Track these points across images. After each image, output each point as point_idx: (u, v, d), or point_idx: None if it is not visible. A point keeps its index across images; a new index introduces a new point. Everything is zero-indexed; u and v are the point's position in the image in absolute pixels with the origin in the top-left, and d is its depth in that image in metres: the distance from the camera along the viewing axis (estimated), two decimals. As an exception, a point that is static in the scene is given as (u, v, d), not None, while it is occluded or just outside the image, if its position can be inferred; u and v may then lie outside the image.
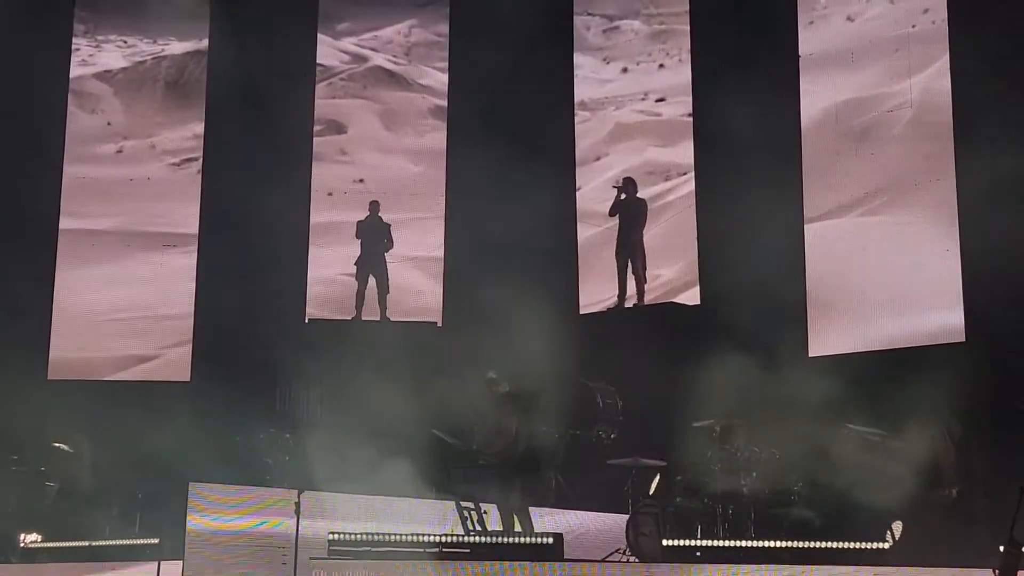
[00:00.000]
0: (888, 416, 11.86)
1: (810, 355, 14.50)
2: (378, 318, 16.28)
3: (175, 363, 16.55)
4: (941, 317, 13.68)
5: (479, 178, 15.88)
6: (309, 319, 16.55)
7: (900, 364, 13.13)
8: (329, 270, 16.78)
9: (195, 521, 10.52)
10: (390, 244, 16.42)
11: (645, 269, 15.68)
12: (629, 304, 15.62)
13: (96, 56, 17.57)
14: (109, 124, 17.41)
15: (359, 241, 16.49)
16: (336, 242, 16.70)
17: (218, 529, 10.50)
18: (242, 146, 16.34)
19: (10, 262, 15.85)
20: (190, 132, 17.29)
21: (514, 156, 15.58)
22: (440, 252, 16.85)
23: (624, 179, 15.92)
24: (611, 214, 15.84)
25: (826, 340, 14.51)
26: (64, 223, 16.84)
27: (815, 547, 10.37)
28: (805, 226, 14.84)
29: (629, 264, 15.69)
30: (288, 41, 17.22)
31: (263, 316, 15.58)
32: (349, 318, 16.33)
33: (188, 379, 16.38)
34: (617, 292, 15.75)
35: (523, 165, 15.58)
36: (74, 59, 17.44)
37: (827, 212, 14.87)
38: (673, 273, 15.82)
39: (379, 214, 16.57)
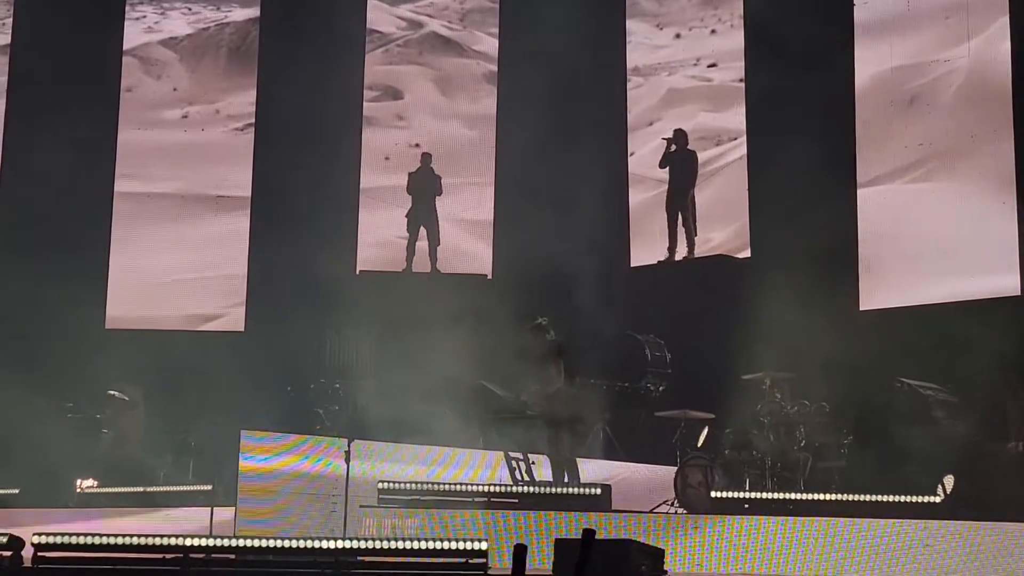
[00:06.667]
0: (943, 370, 11.77)
1: (862, 309, 14.38)
2: (429, 270, 16.33)
3: (230, 318, 16.76)
4: (997, 271, 13.55)
5: (531, 142, 15.90)
6: (360, 271, 16.64)
7: (955, 318, 12.99)
8: (386, 231, 16.84)
9: (247, 468, 10.66)
10: (440, 192, 16.48)
11: (696, 222, 15.59)
12: (679, 257, 15.55)
13: (162, 23, 17.73)
14: (175, 90, 17.59)
15: (411, 193, 16.53)
16: (393, 204, 16.73)
17: (270, 470, 10.64)
18: (297, 109, 16.40)
19: (67, 223, 16.07)
20: (252, 98, 17.42)
21: (566, 120, 15.58)
22: (491, 216, 16.87)
23: (675, 131, 15.80)
24: (661, 166, 15.75)
25: (879, 295, 14.40)
26: (120, 185, 17.03)
27: (864, 500, 10.31)
28: (858, 190, 14.71)
29: (679, 217, 15.60)
30: (342, 6, 17.19)
31: (315, 268, 15.67)
32: (400, 270, 16.39)
33: (242, 329, 16.55)
34: (667, 247, 15.69)
35: (575, 129, 15.56)
36: (140, 26, 17.67)
37: (881, 176, 14.74)
38: (724, 236, 15.74)
39: (431, 166, 16.59)
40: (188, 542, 8.12)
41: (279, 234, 16.32)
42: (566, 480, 11.06)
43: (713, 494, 10.61)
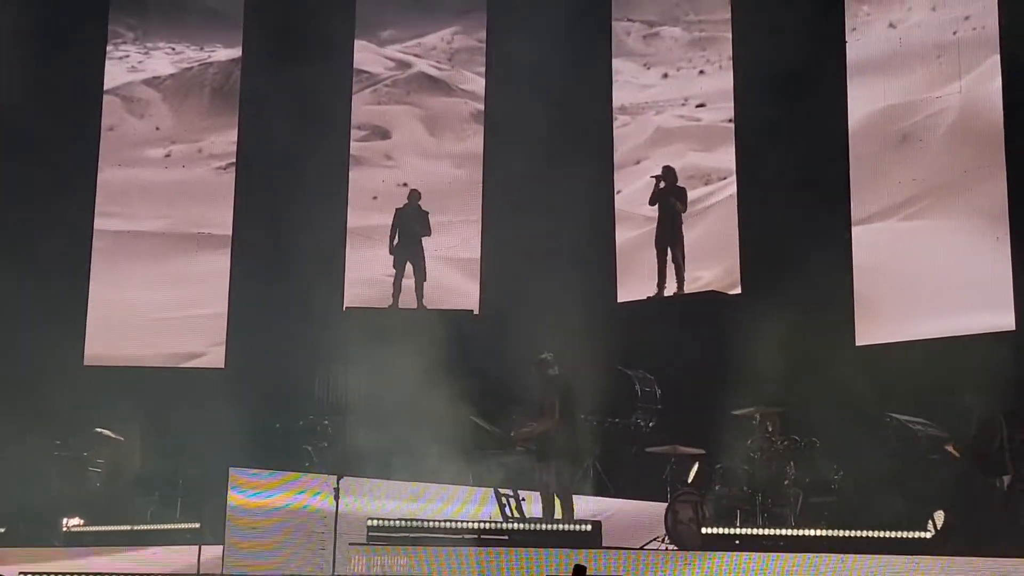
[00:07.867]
0: (938, 405, 11.77)
1: (858, 345, 14.37)
2: (415, 306, 16.28)
3: (212, 355, 16.70)
4: (991, 307, 13.56)
5: (517, 180, 15.93)
6: (347, 307, 16.60)
7: (950, 353, 13.00)
8: (372, 271, 16.82)
9: (235, 505, 10.59)
10: (428, 231, 16.45)
11: (684, 258, 15.58)
12: (668, 292, 15.54)
13: (145, 62, 17.81)
14: (158, 128, 17.64)
15: (397, 229, 16.50)
16: (381, 244, 16.68)
17: (258, 508, 10.57)
18: (281, 148, 16.42)
19: (46, 260, 16.01)
20: (234, 136, 17.46)
21: (553, 158, 15.64)
22: (478, 254, 16.89)
23: (663, 168, 15.82)
24: (651, 203, 15.74)
25: (874, 331, 14.40)
26: (100, 223, 17.02)
27: (855, 536, 10.28)
28: (853, 227, 14.76)
29: (669, 253, 15.60)
30: (327, 47, 17.23)
31: (300, 305, 15.63)
32: (386, 306, 16.35)
33: (223, 366, 16.47)
34: (656, 283, 15.67)
35: (562, 167, 15.62)
36: (123, 65, 17.74)
37: (875, 213, 14.79)
38: (713, 274, 15.75)
39: (418, 203, 16.57)
40: (176, 580, 8.05)
41: (262, 272, 16.26)
42: (561, 516, 10.99)
43: (704, 530, 10.57)
